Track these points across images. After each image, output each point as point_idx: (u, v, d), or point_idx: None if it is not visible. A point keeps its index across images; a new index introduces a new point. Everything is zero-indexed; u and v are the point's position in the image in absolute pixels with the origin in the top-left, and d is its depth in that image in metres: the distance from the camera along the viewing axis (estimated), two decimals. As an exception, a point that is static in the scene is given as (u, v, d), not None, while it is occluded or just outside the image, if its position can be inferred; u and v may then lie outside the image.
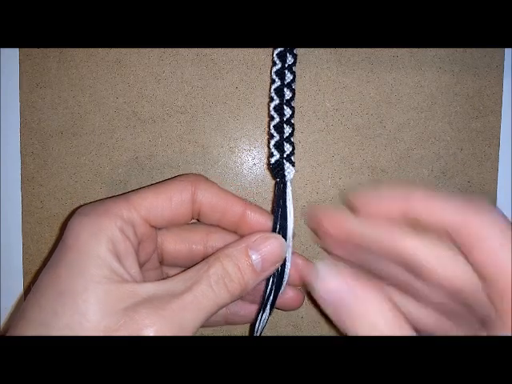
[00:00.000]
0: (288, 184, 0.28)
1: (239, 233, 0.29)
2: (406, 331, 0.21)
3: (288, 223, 0.27)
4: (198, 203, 0.27)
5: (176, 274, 0.24)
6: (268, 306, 0.28)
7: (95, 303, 0.22)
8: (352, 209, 0.26)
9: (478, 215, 0.21)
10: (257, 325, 0.29)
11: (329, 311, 0.23)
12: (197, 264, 0.25)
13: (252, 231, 0.27)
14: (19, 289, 0.34)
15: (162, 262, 0.29)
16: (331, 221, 0.26)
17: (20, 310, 0.24)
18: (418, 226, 0.23)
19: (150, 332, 0.22)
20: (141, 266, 0.26)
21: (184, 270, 0.25)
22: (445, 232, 0.22)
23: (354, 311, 0.22)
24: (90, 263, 0.23)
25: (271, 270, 0.26)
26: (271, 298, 0.28)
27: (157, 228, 0.27)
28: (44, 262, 0.34)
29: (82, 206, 0.26)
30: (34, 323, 0.22)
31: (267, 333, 0.34)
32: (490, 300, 0.22)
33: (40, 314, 0.22)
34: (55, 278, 0.23)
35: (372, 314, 0.21)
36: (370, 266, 0.25)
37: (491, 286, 0.21)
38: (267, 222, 0.28)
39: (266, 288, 0.28)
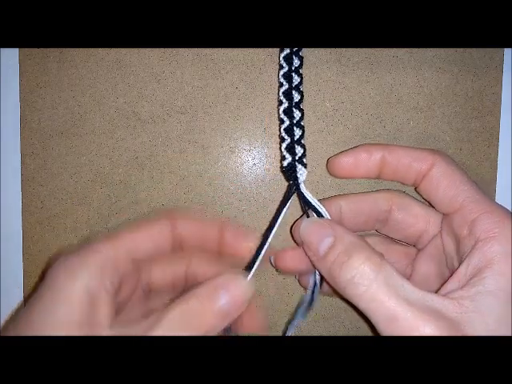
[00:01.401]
0: (302, 185, 0.29)
1: (224, 254, 0.29)
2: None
3: (322, 214, 0.28)
4: (179, 236, 0.28)
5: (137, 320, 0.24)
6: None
7: None
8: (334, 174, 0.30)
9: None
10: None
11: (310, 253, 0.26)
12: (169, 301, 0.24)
13: (234, 250, 0.28)
14: (19, 289, 0.34)
15: (147, 293, 0.29)
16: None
17: None
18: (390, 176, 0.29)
19: None
20: (122, 303, 0.26)
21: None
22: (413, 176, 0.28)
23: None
24: (62, 308, 0.22)
25: (236, 313, 0.25)
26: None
27: (140, 263, 0.27)
28: (45, 263, 0.34)
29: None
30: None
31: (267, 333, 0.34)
32: (456, 232, 0.26)
33: None
34: (29, 320, 0.23)
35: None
36: None
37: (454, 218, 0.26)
38: (246, 238, 0.28)
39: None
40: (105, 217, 0.33)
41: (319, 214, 0.28)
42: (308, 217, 0.28)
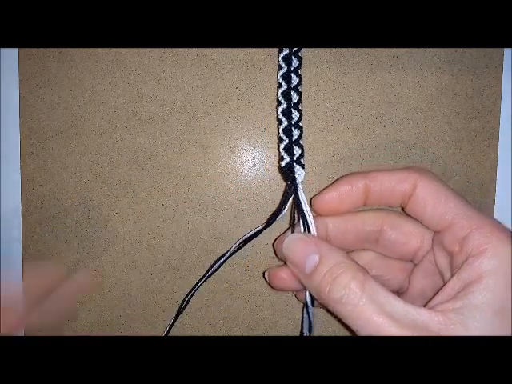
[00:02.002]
0: (299, 186, 0.29)
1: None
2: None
3: (309, 223, 0.28)
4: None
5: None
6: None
7: None
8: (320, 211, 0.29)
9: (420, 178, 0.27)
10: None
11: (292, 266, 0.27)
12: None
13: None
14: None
15: None
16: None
17: None
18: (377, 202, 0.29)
19: None
20: None
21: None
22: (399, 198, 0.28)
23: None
24: None
25: None
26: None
27: None
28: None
29: None
30: None
31: (267, 333, 0.34)
32: (447, 248, 0.26)
33: None
34: None
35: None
36: None
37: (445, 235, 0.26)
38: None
39: None
40: (105, 217, 0.33)
41: (305, 222, 0.28)
42: (293, 228, 0.28)
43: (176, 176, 0.33)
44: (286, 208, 0.29)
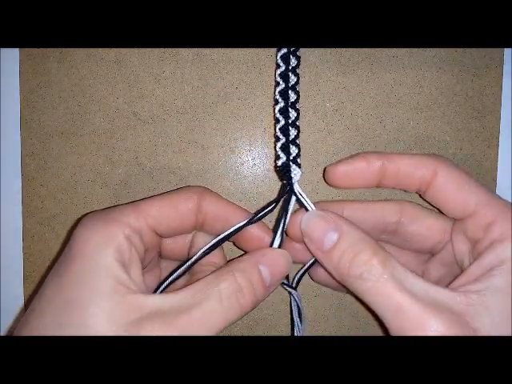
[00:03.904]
0: (296, 185, 0.28)
1: (237, 243, 0.30)
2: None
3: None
4: (203, 213, 0.27)
5: (183, 288, 0.24)
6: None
7: (102, 316, 0.22)
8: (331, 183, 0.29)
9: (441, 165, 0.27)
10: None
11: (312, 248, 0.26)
12: (205, 277, 0.24)
13: (250, 244, 0.28)
14: (19, 289, 0.34)
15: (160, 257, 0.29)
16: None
17: (23, 317, 0.23)
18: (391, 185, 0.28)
19: None
20: (143, 271, 0.26)
21: (191, 283, 0.24)
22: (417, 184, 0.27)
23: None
24: (96, 274, 0.22)
25: (278, 283, 0.27)
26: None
27: (162, 237, 0.28)
28: (44, 265, 0.34)
29: (88, 213, 0.26)
30: (37, 333, 0.22)
31: (267, 333, 0.34)
32: (469, 236, 0.26)
33: (44, 325, 0.22)
34: (60, 287, 0.23)
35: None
36: None
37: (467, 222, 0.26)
38: (266, 236, 0.28)
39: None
40: (105, 217, 0.33)
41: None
42: (284, 223, 0.28)
43: (176, 176, 0.33)
44: (275, 208, 0.28)
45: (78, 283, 0.22)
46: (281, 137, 0.29)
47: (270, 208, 0.28)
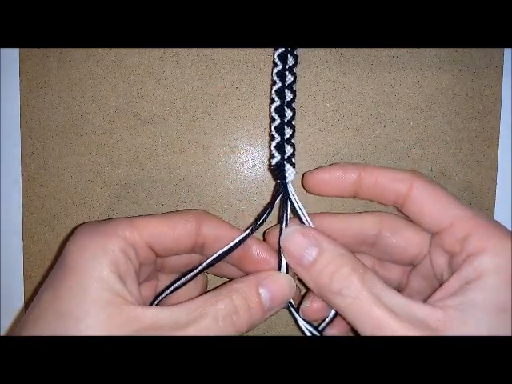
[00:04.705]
0: (289, 185, 0.28)
1: (240, 267, 0.29)
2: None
3: (303, 221, 0.28)
4: (203, 236, 0.27)
5: (180, 303, 0.24)
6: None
7: (98, 328, 0.21)
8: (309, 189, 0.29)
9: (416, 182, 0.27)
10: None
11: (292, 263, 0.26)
12: (203, 294, 0.24)
13: (254, 267, 0.28)
14: (19, 289, 0.34)
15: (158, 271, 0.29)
16: None
17: (17, 327, 0.23)
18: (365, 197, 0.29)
19: None
20: (139, 285, 0.26)
21: (190, 299, 0.24)
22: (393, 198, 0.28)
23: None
24: (92, 285, 0.22)
25: (278, 308, 0.27)
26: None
27: (159, 256, 0.27)
28: (44, 265, 0.34)
29: (82, 224, 0.25)
30: None
31: (267, 333, 0.34)
32: (447, 249, 0.26)
33: (40, 335, 0.22)
34: (55, 298, 0.22)
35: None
36: None
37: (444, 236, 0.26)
38: (270, 258, 0.28)
39: None
40: (105, 217, 0.33)
41: (301, 221, 0.28)
42: (286, 222, 0.28)
43: (176, 176, 0.33)
44: (271, 211, 0.28)
45: (73, 294, 0.22)
46: (276, 136, 0.29)
47: (266, 212, 0.28)
